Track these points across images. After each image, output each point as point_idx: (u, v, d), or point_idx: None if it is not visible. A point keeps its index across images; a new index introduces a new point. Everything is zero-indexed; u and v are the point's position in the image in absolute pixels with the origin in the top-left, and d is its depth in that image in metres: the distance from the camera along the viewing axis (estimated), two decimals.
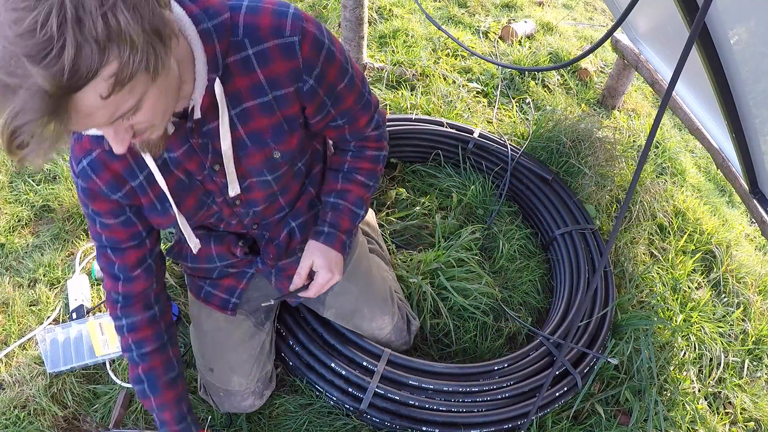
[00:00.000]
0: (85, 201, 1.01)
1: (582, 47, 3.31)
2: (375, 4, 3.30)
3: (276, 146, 1.00)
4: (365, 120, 1.13)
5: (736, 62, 1.30)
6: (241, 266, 1.32)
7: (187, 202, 1.05)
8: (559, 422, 1.56)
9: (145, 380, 1.15)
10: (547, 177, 2.12)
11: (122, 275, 1.11)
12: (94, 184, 0.97)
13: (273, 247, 1.26)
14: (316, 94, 0.95)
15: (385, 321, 1.50)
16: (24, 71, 0.53)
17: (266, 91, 0.92)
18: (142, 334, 1.15)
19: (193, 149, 0.95)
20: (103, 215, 1.02)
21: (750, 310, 2.06)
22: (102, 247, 1.08)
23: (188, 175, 1.01)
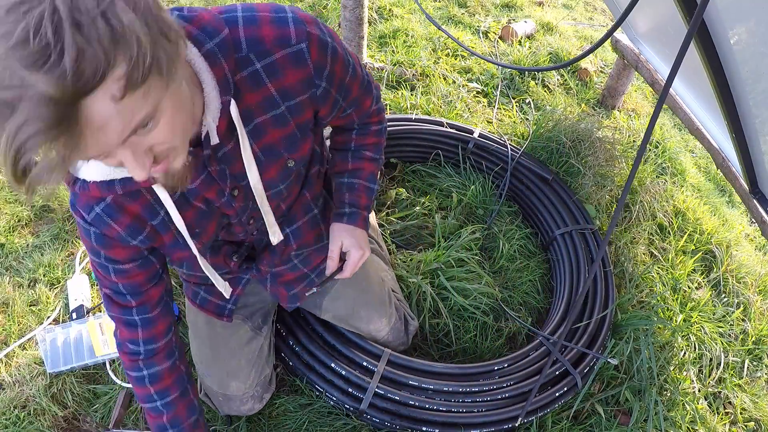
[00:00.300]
0: (98, 249, 0.94)
1: (582, 47, 3.31)
2: (375, 4, 3.30)
3: (289, 155, 0.98)
4: (369, 101, 1.13)
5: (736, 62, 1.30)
6: (236, 272, 1.30)
7: (208, 229, 1.02)
8: (559, 422, 1.56)
9: (169, 427, 1.14)
10: (547, 177, 2.12)
11: (140, 319, 1.05)
12: (112, 230, 0.90)
13: (268, 253, 1.23)
14: (329, 94, 0.95)
15: (382, 323, 1.49)
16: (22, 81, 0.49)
17: (278, 104, 0.89)
18: (167, 382, 1.12)
19: (211, 177, 0.91)
20: (121, 262, 0.97)
21: (750, 310, 2.06)
22: (117, 295, 1.03)
23: (207, 204, 0.97)
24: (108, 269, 0.98)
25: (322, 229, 1.27)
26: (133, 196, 0.88)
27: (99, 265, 0.98)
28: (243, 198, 0.99)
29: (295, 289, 1.35)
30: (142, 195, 0.89)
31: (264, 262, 1.25)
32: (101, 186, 0.81)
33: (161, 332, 1.09)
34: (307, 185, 1.18)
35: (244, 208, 1.02)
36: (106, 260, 0.96)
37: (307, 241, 1.25)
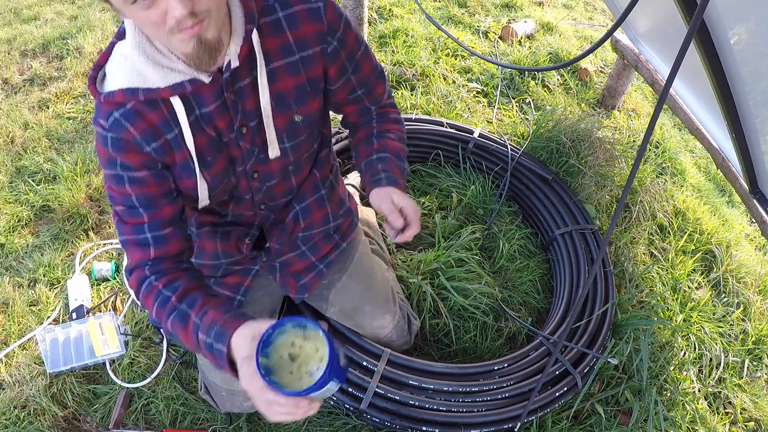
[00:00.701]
0: (114, 157, 0.96)
1: (582, 47, 3.31)
2: (375, 4, 3.30)
3: (298, 109, 1.05)
4: (382, 88, 1.20)
5: (736, 62, 1.30)
6: (245, 263, 1.33)
7: (218, 163, 1.04)
8: (559, 422, 1.56)
9: (183, 301, 1.00)
10: (547, 177, 2.12)
11: (151, 236, 1.02)
12: (128, 134, 0.94)
13: (278, 231, 1.29)
14: (338, 55, 1.04)
15: (387, 320, 1.50)
16: None
17: (294, 52, 0.99)
18: (173, 275, 1.04)
19: (225, 105, 0.98)
20: (135, 168, 0.97)
21: (750, 310, 2.06)
22: (131, 210, 1.00)
23: (218, 134, 1.01)
24: (122, 179, 0.98)
25: (327, 210, 1.32)
26: (152, 105, 0.94)
27: (114, 177, 0.98)
28: (250, 140, 1.04)
29: (304, 279, 1.37)
30: (160, 107, 0.94)
31: (274, 239, 1.29)
32: (126, 93, 0.90)
33: (173, 253, 1.05)
34: (317, 165, 1.26)
35: (249, 153, 1.06)
36: (121, 167, 0.97)
37: (314, 220, 1.30)
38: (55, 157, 2.16)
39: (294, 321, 0.87)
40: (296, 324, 0.88)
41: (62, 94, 2.52)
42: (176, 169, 1.02)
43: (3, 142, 2.24)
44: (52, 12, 3.19)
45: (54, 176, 2.09)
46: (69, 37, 2.88)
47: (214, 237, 1.26)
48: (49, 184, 2.05)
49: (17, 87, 2.57)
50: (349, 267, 1.44)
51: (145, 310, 1.05)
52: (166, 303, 1.00)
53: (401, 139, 1.24)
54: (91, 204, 2.01)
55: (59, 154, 2.17)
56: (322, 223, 1.33)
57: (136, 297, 1.06)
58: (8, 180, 2.08)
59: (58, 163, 2.11)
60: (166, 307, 1.00)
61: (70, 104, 2.47)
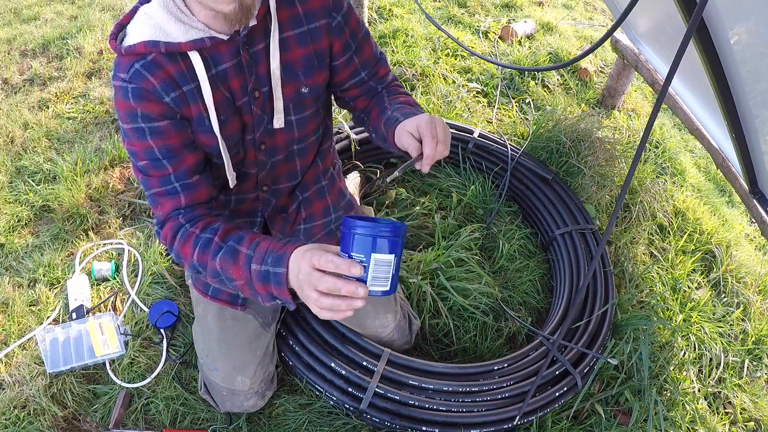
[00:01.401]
0: (136, 106, 0.97)
1: (582, 47, 3.31)
2: (375, 4, 3.30)
3: (305, 80, 1.10)
4: (384, 71, 1.25)
5: (736, 62, 1.30)
6: None
7: (231, 124, 1.07)
8: (559, 422, 1.56)
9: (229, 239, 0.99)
10: (547, 177, 2.12)
11: (180, 185, 1.02)
12: (148, 83, 0.97)
13: (280, 219, 1.32)
14: (342, 31, 1.11)
15: (389, 319, 1.50)
16: None
17: (303, 23, 1.06)
18: (209, 219, 1.04)
19: (240, 65, 1.02)
20: (155, 118, 0.99)
21: (750, 310, 2.06)
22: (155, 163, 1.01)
23: (232, 95, 1.05)
24: (144, 132, 0.99)
25: (328, 201, 1.36)
26: (172, 58, 0.98)
27: (135, 130, 0.99)
28: (261, 106, 1.08)
29: None
30: (179, 62, 0.98)
31: (276, 227, 1.32)
32: (147, 44, 0.94)
33: (204, 199, 1.06)
34: (320, 155, 1.30)
35: (260, 120, 1.10)
36: (143, 119, 0.98)
37: (315, 210, 1.34)
38: (55, 157, 2.16)
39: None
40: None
41: (62, 94, 2.52)
42: (192, 123, 1.05)
43: (3, 142, 2.24)
44: (52, 12, 3.19)
45: (54, 176, 2.09)
46: (69, 37, 2.88)
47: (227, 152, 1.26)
48: (49, 184, 2.05)
49: (17, 87, 2.57)
50: None
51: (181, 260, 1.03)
52: (209, 244, 0.99)
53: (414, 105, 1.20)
54: (91, 204, 2.01)
55: (59, 154, 2.17)
56: (323, 215, 1.35)
57: (170, 249, 1.06)
58: (8, 180, 2.08)
59: (58, 163, 2.11)
60: (210, 248, 0.99)
61: (70, 104, 2.47)
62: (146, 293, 1.73)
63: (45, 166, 2.12)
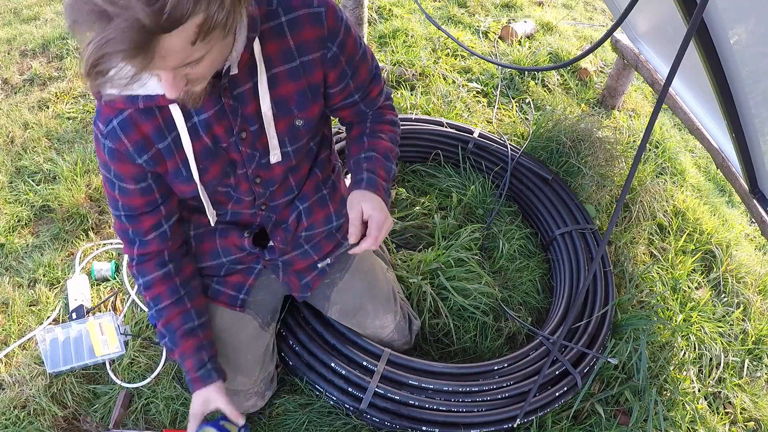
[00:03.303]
0: (109, 163, 1.02)
1: (582, 47, 3.31)
2: (375, 4, 3.30)
3: (299, 113, 1.06)
4: (377, 91, 1.20)
5: (736, 62, 1.30)
6: (248, 262, 1.34)
7: (212, 169, 1.06)
8: (559, 422, 1.56)
9: (166, 334, 1.20)
10: (547, 177, 2.12)
11: (137, 240, 1.15)
12: (122, 145, 0.98)
13: (281, 231, 1.29)
14: (338, 61, 1.04)
15: (388, 319, 1.50)
16: (126, 3, 0.59)
17: (295, 57, 0.99)
18: (156, 290, 1.19)
19: (223, 110, 0.99)
20: (125, 179, 1.04)
21: (750, 310, 2.06)
22: (117, 214, 1.12)
23: (215, 141, 1.03)
24: (114, 185, 1.06)
25: (330, 210, 1.33)
26: (148, 114, 0.96)
27: (107, 180, 1.07)
28: (250, 144, 1.05)
29: (307, 278, 1.38)
30: (156, 116, 0.97)
31: (278, 239, 1.30)
32: (126, 100, 0.92)
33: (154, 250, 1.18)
34: (318, 165, 1.27)
35: (251, 158, 1.08)
36: (114, 176, 1.04)
37: (316, 219, 1.31)
38: (55, 157, 2.16)
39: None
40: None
41: (62, 94, 2.52)
42: (168, 175, 1.06)
43: (3, 142, 2.24)
44: (52, 12, 3.19)
45: (54, 176, 2.09)
46: (69, 37, 2.88)
47: (213, 235, 1.27)
48: (49, 184, 2.05)
49: (17, 87, 2.57)
50: (350, 266, 1.44)
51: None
52: (155, 321, 1.21)
53: (393, 140, 1.24)
54: (91, 204, 2.01)
55: (59, 154, 2.17)
56: (325, 223, 1.33)
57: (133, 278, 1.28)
58: (8, 180, 2.08)
59: (58, 163, 2.11)
60: (156, 326, 1.22)
61: (70, 104, 2.47)
62: None
63: (45, 166, 2.12)
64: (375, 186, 1.12)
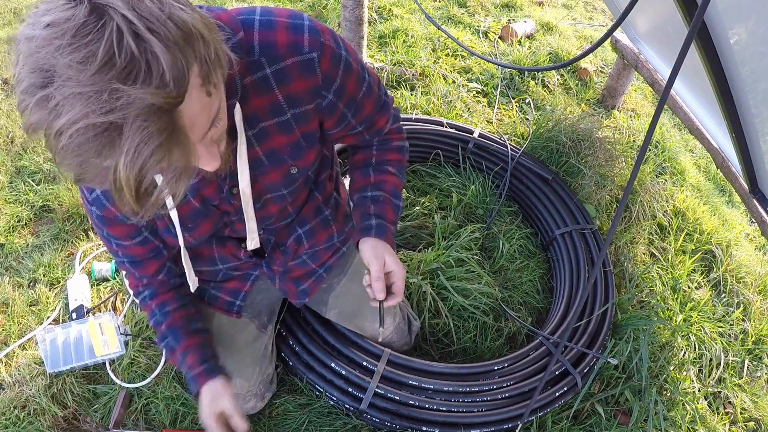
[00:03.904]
0: (100, 226, 1.01)
1: (582, 47, 3.31)
2: (375, 4, 3.30)
3: (293, 162, 0.99)
4: (383, 121, 1.12)
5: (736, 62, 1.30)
6: (245, 269, 1.32)
7: (202, 227, 1.05)
8: (559, 422, 1.56)
9: (169, 334, 1.17)
10: (547, 177, 2.12)
11: (144, 279, 1.16)
12: (109, 212, 0.96)
13: (279, 254, 1.25)
14: (335, 107, 0.94)
15: (387, 322, 1.49)
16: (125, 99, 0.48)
17: (285, 110, 0.89)
18: (163, 297, 1.18)
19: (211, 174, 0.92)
20: (120, 238, 1.03)
21: (750, 310, 2.06)
22: (120, 261, 1.12)
23: (204, 202, 0.99)
24: (110, 242, 1.05)
25: (333, 230, 1.28)
26: None
27: (102, 237, 1.06)
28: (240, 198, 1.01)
29: (304, 285, 1.36)
30: None
31: (277, 263, 1.27)
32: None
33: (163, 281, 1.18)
34: (318, 188, 1.20)
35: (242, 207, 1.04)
36: (108, 236, 1.03)
37: (318, 241, 1.27)
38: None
39: None
40: None
41: None
42: (160, 231, 1.07)
43: (3, 142, 2.24)
44: None
45: (54, 176, 2.09)
46: None
47: (210, 243, 1.24)
48: (49, 184, 2.05)
49: None
50: (348, 270, 1.43)
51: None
52: (159, 326, 1.18)
53: (400, 172, 1.19)
54: None
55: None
56: (327, 242, 1.30)
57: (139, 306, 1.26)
58: (8, 180, 2.08)
59: None
60: (159, 330, 1.18)
61: None
62: None
63: (45, 166, 2.12)
64: (385, 233, 1.09)
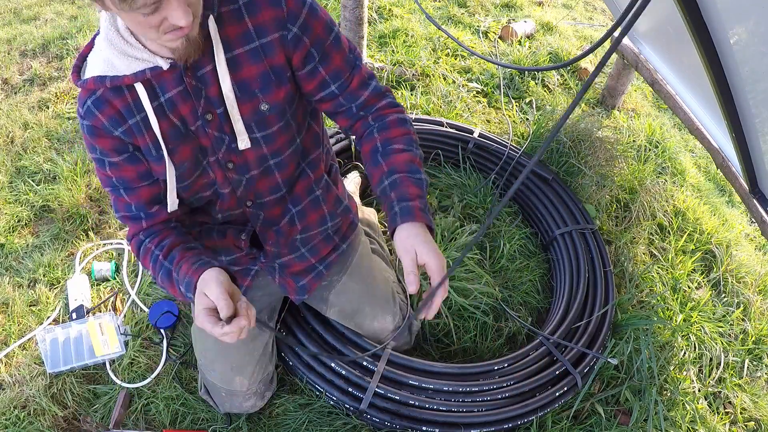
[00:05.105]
0: (92, 141, 1.04)
1: (582, 47, 3.31)
2: (375, 4, 3.30)
3: (263, 97, 1.04)
4: (357, 82, 1.11)
5: (736, 62, 1.30)
6: (244, 263, 1.33)
7: (181, 151, 1.06)
8: (559, 422, 1.56)
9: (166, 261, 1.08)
10: (547, 177, 2.12)
11: (143, 213, 1.11)
12: (97, 121, 1.01)
13: (272, 233, 1.27)
14: (301, 42, 1.02)
15: (387, 321, 1.50)
16: None
17: (254, 38, 0.99)
18: (162, 236, 1.12)
19: (187, 92, 1.00)
20: (109, 153, 1.04)
21: (750, 310, 2.06)
22: (116, 191, 1.10)
23: (183, 122, 1.04)
24: (104, 163, 1.06)
25: (324, 211, 1.31)
26: (118, 92, 0.99)
27: (96, 160, 1.07)
28: (217, 127, 1.05)
29: (303, 281, 1.37)
30: (124, 95, 0.99)
31: (269, 242, 1.28)
32: (96, 80, 0.95)
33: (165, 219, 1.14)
34: (310, 167, 1.25)
35: (219, 141, 1.07)
36: (100, 153, 1.05)
37: (310, 222, 1.29)
38: (55, 157, 2.16)
39: None
40: None
41: (62, 94, 2.52)
42: (143, 153, 1.06)
43: (3, 142, 2.24)
44: (52, 12, 3.18)
45: (54, 176, 2.09)
46: (69, 37, 2.88)
47: (211, 234, 1.27)
48: (49, 184, 2.05)
49: (17, 87, 2.57)
50: (348, 268, 1.44)
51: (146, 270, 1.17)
52: (156, 261, 1.10)
53: (410, 144, 1.12)
54: (91, 204, 2.01)
55: (59, 154, 2.17)
56: (320, 224, 1.32)
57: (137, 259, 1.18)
58: (8, 180, 2.08)
59: (58, 163, 2.11)
60: (157, 265, 1.10)
61: (70, 104, 2.47)
62: (146, 293, 1.73)
63: (45, 166, 2.12)
64: (411, 213, 1.03)
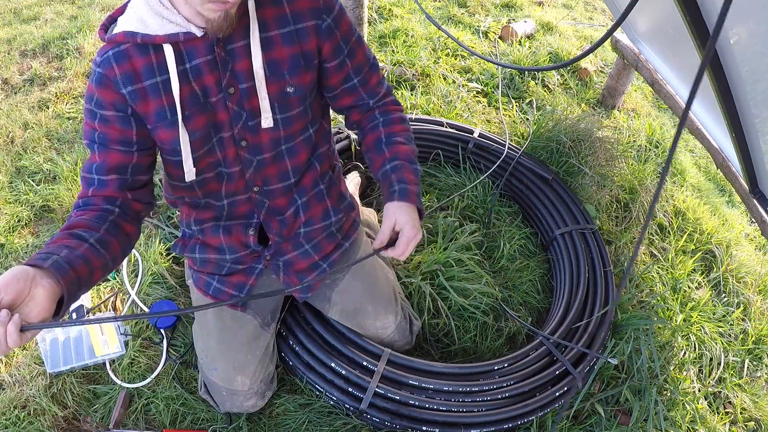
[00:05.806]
0: (95, 90, 1.03)
1: (582, 47, 3.31)
2: (375, 4, 3.30)
3: (290, 79, 1.09)
4: (376, 79, 1.24)
5: (736, 62, 1.30)
6: (249, 262, 1.33)
7: (195, 121, 1.07)
8: (559, 422, 1.56)
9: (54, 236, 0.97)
10: (547, 177, 2.12)
11: (96, 179, 1.05)
12: (111, 72, 1.01)
13: (276, 222, 1.28)
14: (333, 33, 1.10)
15: (389, 320, 1.50)
16: None
17: (290, 22, 1.05)
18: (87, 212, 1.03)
19: (215, 61, 1.02)
20: (106, 106, 1.03)
21: (750, 310, 2.06)
22: (91, 145, 1.06)
23: (204, 92, 1.05)
24: (95, 114, 1.04)
25: (327, 204, 1.33)
26: (143, 51, 1.00)
27: (88, 111, 1.05)
28: (238, 102, 1.07)
29: (307, 279, 1.37)
30: (150, 54, 1.00)
31: (273, 231, 1.29)
32: (126, 34, 0.98)
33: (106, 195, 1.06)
34: (318, 159, 1.28)
35: (237, 116, 1.09)
36: (95, 104, 1.03)
37: (314, 214, 1.31)
38: (55, 157, 2.16)
39: None
40: None
41: (62, 94, 2.52)
42: (151, 117, 1.05)
43: (3, 142, 2.24)
44: (52, 12, 3.19)
45: (54, 176, 2.09)
46: (69, 37, 2.88)
47: (217, 232, 1.27)
48: (49, 184, 2.05)
49: (17, 87, 2.57)
50: (352, 266, 1.44)
51: None
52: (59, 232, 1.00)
53: (409, 140, 1.26)
54: None
55: (59, 154, 2.17)
56: (323, 218, 1.33)
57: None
58: (8, 180, 2.08)
59: (58, 163, 2.11)
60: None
61: (70, 104, 2.47)
62: (146, 293, 1.73)
63: (45, 166, 2.12)
64: (408, 196, 1.16)
